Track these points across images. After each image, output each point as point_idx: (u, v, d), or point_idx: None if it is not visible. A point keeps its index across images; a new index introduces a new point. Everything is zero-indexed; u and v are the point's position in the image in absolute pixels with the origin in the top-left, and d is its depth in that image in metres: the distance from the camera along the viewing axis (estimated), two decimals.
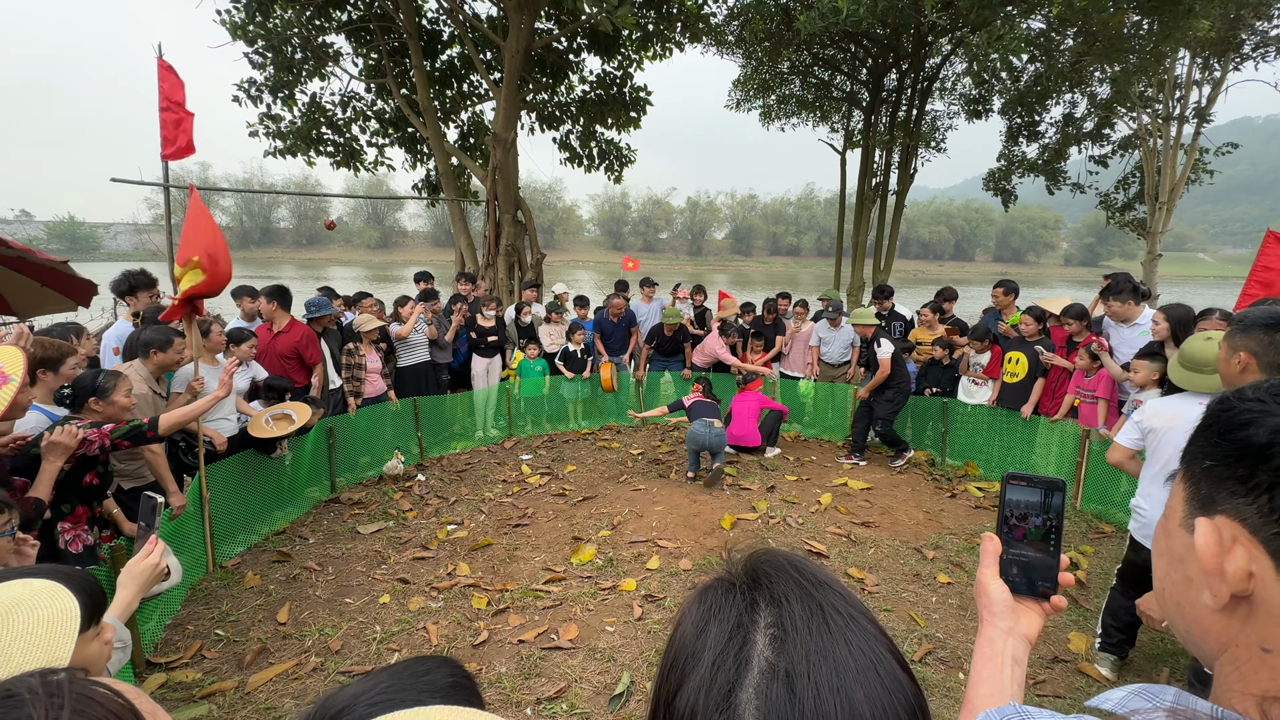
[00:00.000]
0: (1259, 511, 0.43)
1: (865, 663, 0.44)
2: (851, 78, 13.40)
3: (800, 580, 0.49)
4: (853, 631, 0.46)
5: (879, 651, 0.46)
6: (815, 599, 0.48)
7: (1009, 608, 0.73)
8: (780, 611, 0.47)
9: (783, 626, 0.46)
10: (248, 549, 4.24)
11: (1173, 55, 10.43)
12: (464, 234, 10.27)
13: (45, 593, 0.82)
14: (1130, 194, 13.58)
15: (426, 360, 6.48)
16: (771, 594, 0.48)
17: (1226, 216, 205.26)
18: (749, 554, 0.55)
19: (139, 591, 1.44)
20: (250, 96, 9.96)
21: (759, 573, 0.51)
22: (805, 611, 0.46)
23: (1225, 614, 0.46)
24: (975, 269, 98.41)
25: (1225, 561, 0.45)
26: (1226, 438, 0.47)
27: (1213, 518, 0.47)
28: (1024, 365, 5.47)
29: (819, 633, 0.45)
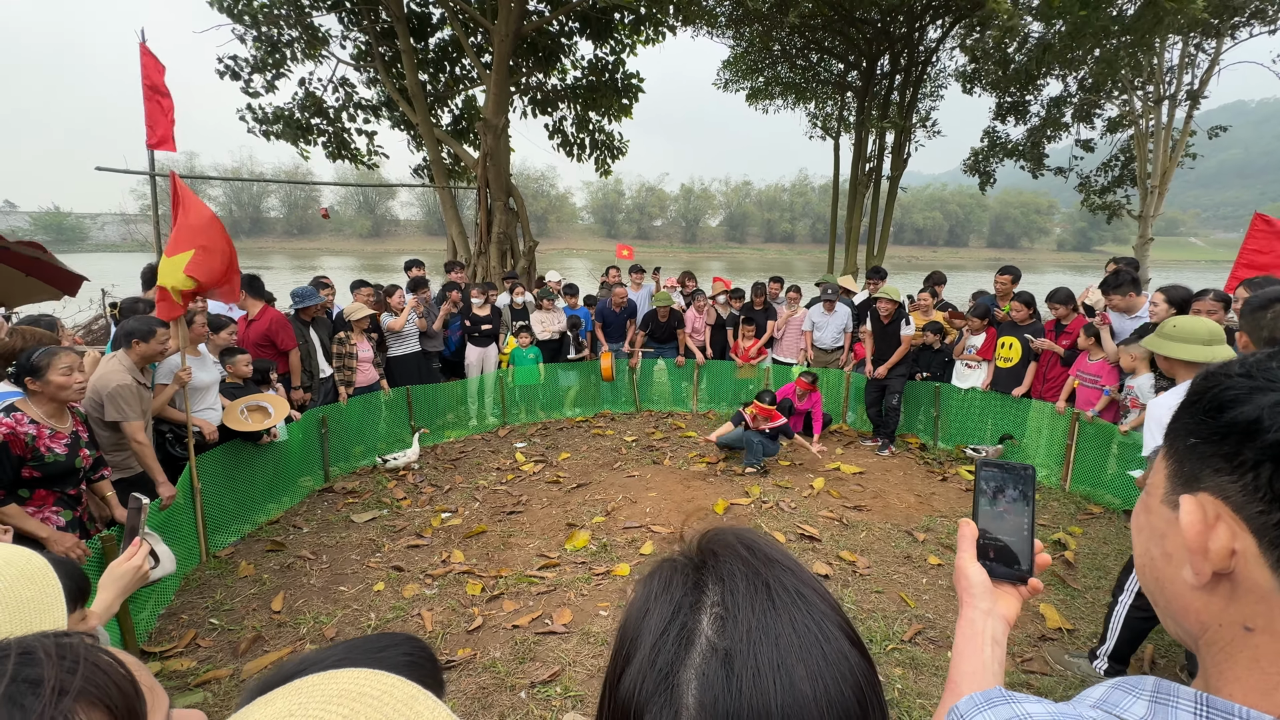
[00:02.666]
0: (1243, 490, 0.43)
1: (810, 639, 0.44)
2: (844, 61, 13.31)
3: (749, 558, 0.49)
4: (798, 609, 0.45)
5: (825, 628, 0.45)
6: (762, 576, 0.47)
7: (987, 590, 0.74)
8: (724, 590, 0.46)
9: (726, 606, 0.45)
10: (241, 539, 4.24)
11: (1164, 38, 10.39)
12: (455, 222, 10.19)
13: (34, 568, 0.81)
14: (1111, 178, 13.59)
15: (417, 350, 6.44)
16: (718, 573, 0.48)
17: (1218, 200, 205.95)
18: (701, 533, 0.54)
19: (121, 594, 1.40)
20: (234, 73, 9.77)
21: (708, 552, 0.51)
22: (749, 590, 0.46)
23: (1206, 592, 0.46)
24: (969, 254, 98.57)
25: (1208, 539, 0.45)
26: (1212, 415, 0.46)
27: (1196, 495, 0.46)
28: (1017, 350, 5.50)
29: (762, 611, 0.45)
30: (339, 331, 5.63)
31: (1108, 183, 13.58)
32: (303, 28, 9.62)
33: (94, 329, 7.89)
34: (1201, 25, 10.27)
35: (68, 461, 2.73)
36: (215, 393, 4.25)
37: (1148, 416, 2.57)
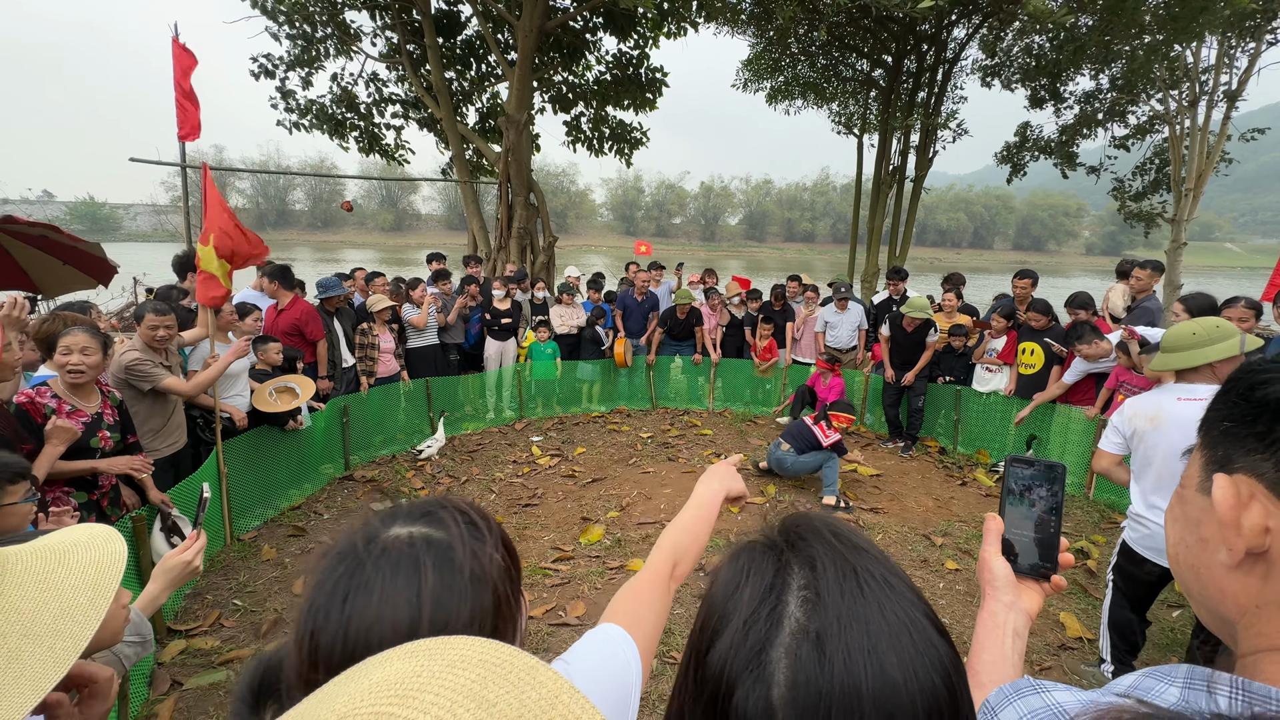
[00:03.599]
0: (1276, 467, 0.44)
1: (898, 627, 0.44)
2: (870, 59, 13.13)
3: (835, 544, 0.50)
4: (887, 596, 0.46)
5: (913, 616, 0.46)
6: (849, 563, 0.48)
7: (1010, 583, 0.76)
8: (814, 575, 0.47)
9: (815, 590, 0.46)
10: (264, 523, 4.34)
11: (1203, 35, 10.05)
12: (476, 216, 10.28)
13: (102, 536, 0.86)
14: (1146, 181, 13.19)
15: (436, 343, 6.53)
16: (806, 557, 0.49)
17: (1257, 205, 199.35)
18: (786, 517, 0.56)
19: (170, 586, 1.39)
20: (267, 72, 9.98)
21: (794, 536, 0.52)
22: (838, 575, 0.47)
23: (1243, 573, 0.47)
24: (993, 257, 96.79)
25: (1242, 516, 0.45)
26: (1245, 397, 0.47)
27: (1232, 475, 0.47)
28: (1039, 356, 5.40)
29: (851, 596, 0.45)
30: (362, 322, 5.72)
31: (1143, 187, 13.20)
32: (335, 24, 9.77)
33: (125, 315, 8.12)
34: (1248, 19, 9.92)
35: (82, 440, 2.73)
36: (244, 380, 4.35)
37: (1111, 419, 2.66)
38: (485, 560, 0.58)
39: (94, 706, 0.96)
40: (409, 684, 0.33)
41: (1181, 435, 2.34)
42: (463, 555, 0.57)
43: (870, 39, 12.59)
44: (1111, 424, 2.64)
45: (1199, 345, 2.37)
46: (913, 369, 5.92)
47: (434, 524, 0.60)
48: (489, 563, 0.58)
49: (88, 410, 2.81)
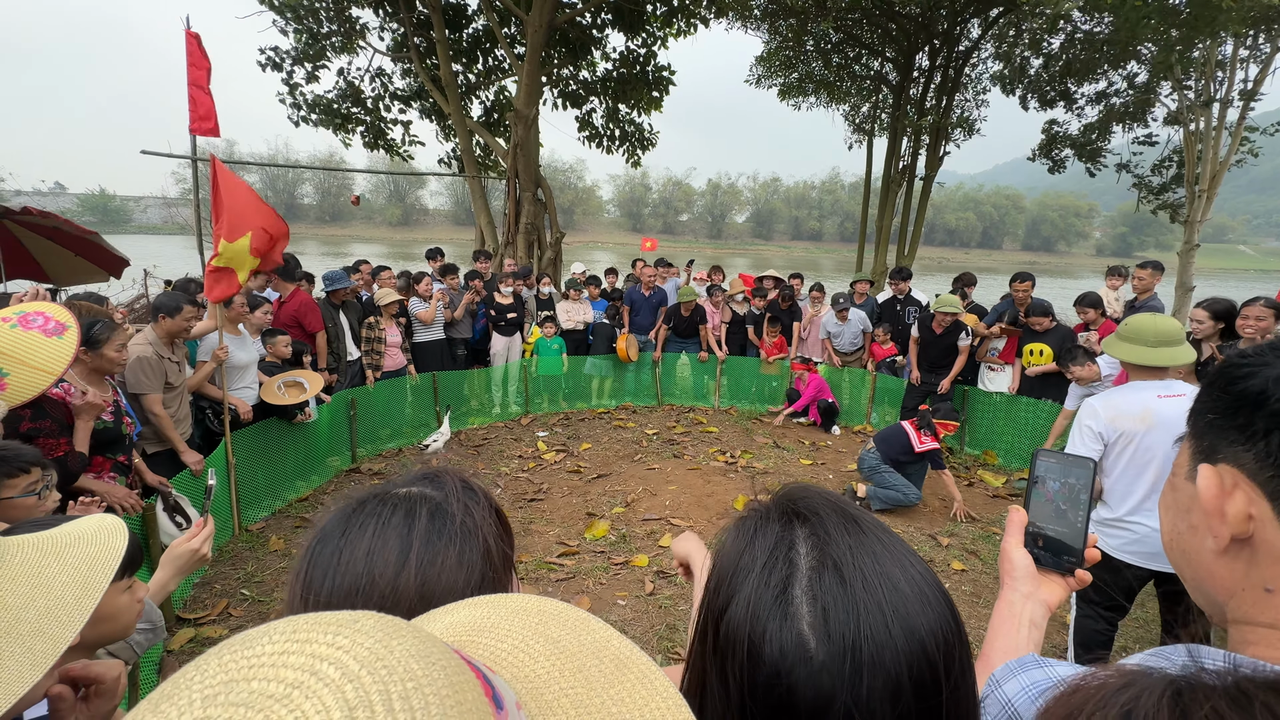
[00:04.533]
0: (1256, 457, 0.46)
1: (898, 553, 0.50)
2: (881, 56, 13.04)
3: (830, 501, 0.55)
4: (882, 532, 0.52)
5: (909, 555, 0.51)
6: (846, 512, 0.53)
7: (1030, 574, 0.76)
8: (815, 523, 0.52)
9: (819, 534, 0.51)
10: (272, 514, 4.37)
11: (1218, 35, 9.92)
12: (484, 211, 10.29)
13: (108, 530, 0.86)
14: (1168, 176, 13.06)
15: (442, 337, 6.55)
16: (806, 512, 0.54)
17: (1271, 207, 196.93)
18: (782, 489, 0.60)
19: (179, 574, 1.39)
20: (275, 65, 10.02)
21: (790, 498, 0.57)
22: (839, 519, 0.52)
23: (1229, 558, 0.49)
24: (1002, 257, 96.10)
25: (1226, 505, 0.48)
26: (1227, 390, 0.50)
27: (1215, 465, 0.50)
28: (1049, 355, 5.36)
29: (855, 534, 0.51)
30: (369, 316, 5.75)
31: (1165, 181, 13.06)
32: (341, 20, 9.79)
33: (136, 307, 8.18)
34: (1267, 18, 9.79)
35: (116, 428, 2.84)
36: (253, 372, 4.37)
37: (1076, 418, 2.53)
38: (477, 517, 0.62)
39: (100, 704, 0.96)
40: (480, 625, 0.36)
41: (1169, 435, 2.28)
42: (455, 508, 0.61)
43: (883, 35, 12.51)
44: (1085, 427, 2.45)
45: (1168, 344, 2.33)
46: (946, 374, 5.77)
47: (433, 484, 0.64)
48: (481, 520, 0.62)
49: (109, 400, 2.87)
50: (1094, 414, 2.44)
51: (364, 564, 0.56)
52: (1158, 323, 2.39)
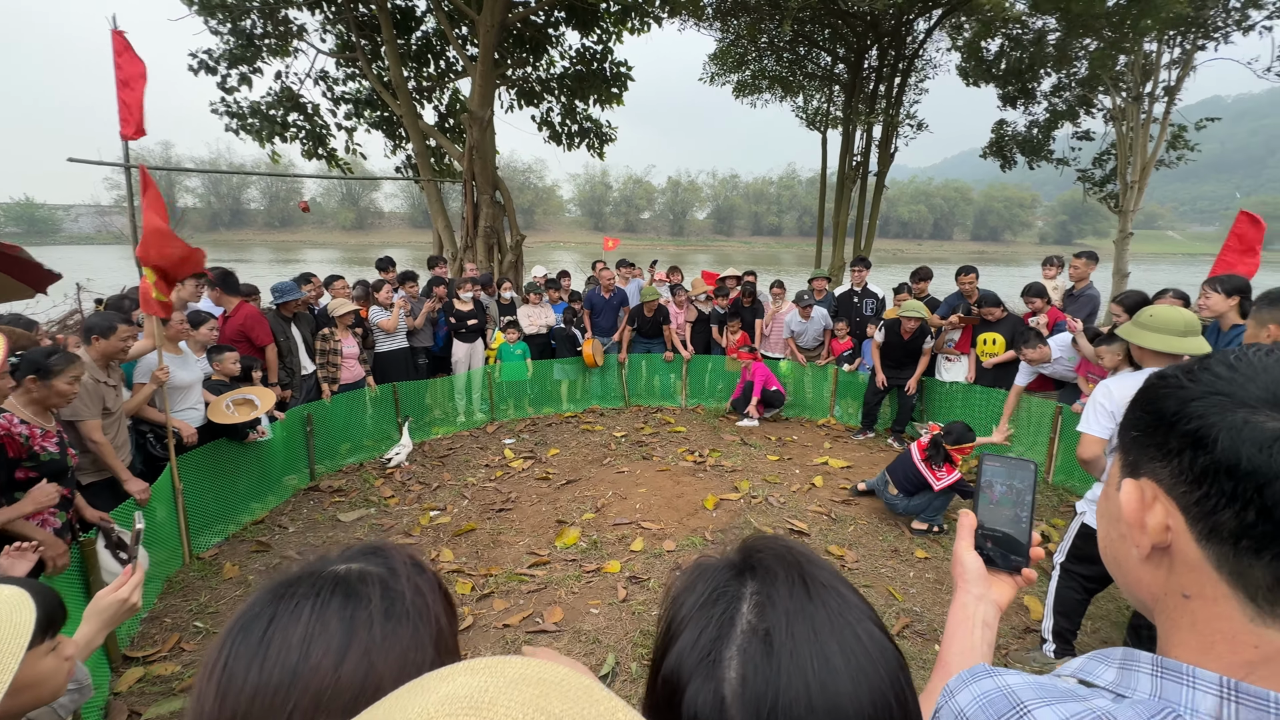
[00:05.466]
0: (1171, 474, 0.49)
1: (843, 624, 0.48)
2: (832, 54, 13.30)
3: (786, 555, 0.54)
4: (833, 599, 0.50)
5: (858, 616, 0.50)
6: (800, 571, 0.52)
7: (981, 577, 0.79)
8: (766, 582, 0.51)
9: (766, 594, 0.50)
10: (225, 539, 4.18)
11: (1150, 32, 10.49)
12: (441, 215, 10.07)
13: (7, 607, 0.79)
14: (1108, 169, 13.77)
15: (405, 346, 6.38)
16: (760, 568, 0.53)
17: (1195, 194, 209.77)
18: (745, 539, 0.59)
19: (106, 627, 1.30)
20: (208, 68, 9.55)
21: (749, 549, 0.56)
22: (787, 580, 0.51)
23: (1152, 565, 0.52)
24: (953, 247, 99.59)
25: (1146, 517, 0.51)
26: (1147, 409, 0.53)
27: (1137, 480, 0.53)
28: (1000, 345, 5.57)
29: (799, 598, 0.49)
30: (323, 328, 5.55)
31: (1107, 174, 13.75)
32: (275, 22, 9.40)
33: (69, 324, 7.70)
34: (1185, 22, 10.40)
35: (61, 460, 2.69)
36: (198, 391, 4.16)
37: (1091, 398, 2.58)
38: (428, 596, 0.56)
39: None
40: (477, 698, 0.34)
41: None
42: (404, 586, 0.55)
43: (833, 34, 12.75)
44: (1099, 405, 2.49)
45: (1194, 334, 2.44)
46: (909, 372, 5.92)
47: (378, 560, 0.58)
48: (432, 600, 0.57)
49: (53, 430, 2.73)
50: (1108, 394, 2.51)
51: (298, 653, 0.48)
52: (1185, 314, 2.47)
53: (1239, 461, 0.44)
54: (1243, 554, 0.45)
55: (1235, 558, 0.45)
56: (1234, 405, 0.46)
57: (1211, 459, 0.46)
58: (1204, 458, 0.46)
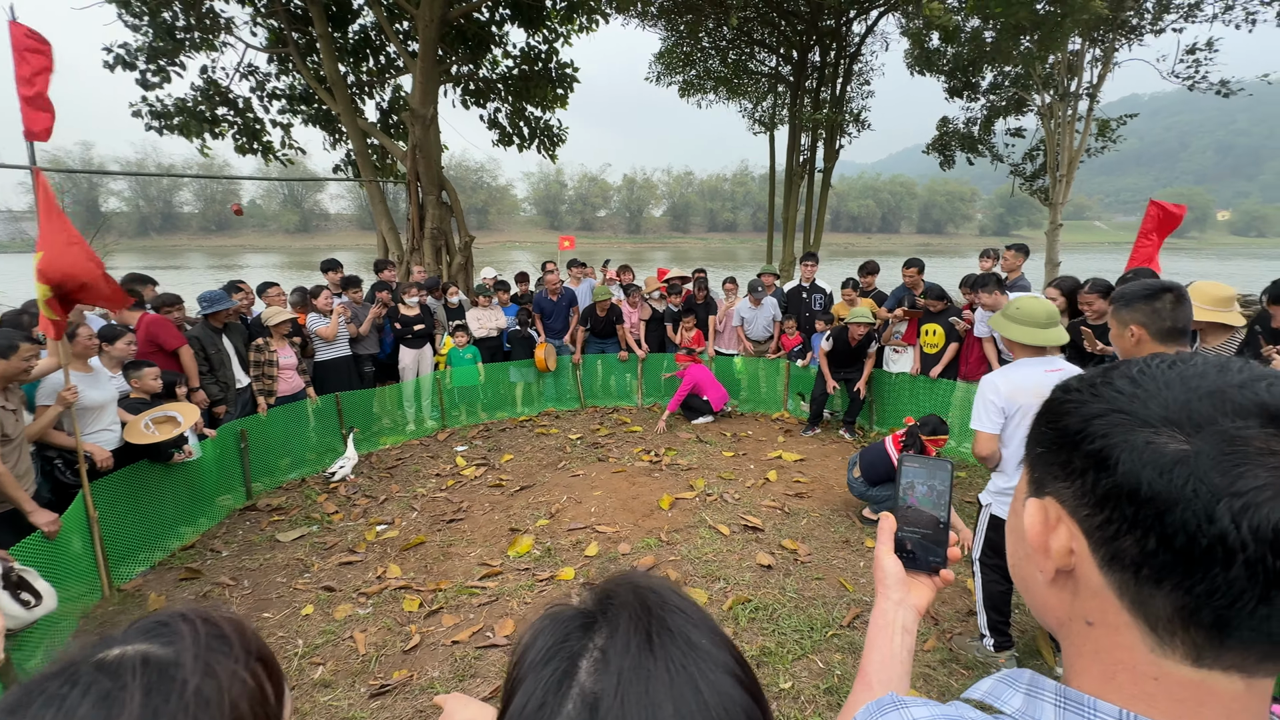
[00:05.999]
0: (1075, 494, 0.46)
1: (684, 680, 0.44)
2: (776, 53, 13.50)
3: (639, 603, 0.49)
4: (679, 650, 0.46)
5: (704, 669, 0.45)
6: (646, 619, 0.47)
7: (901, 581, 0.78)
8: (608, 634, 0.47)
9: (605, 651, 0.46)
10: (150, 568, 3.91)
11: (1072, 33, 11.05)
12: (385, 217, 9.74)
13: None
14: (1038, 165, 14.46)
15: (347, 354, 6.13)
16: (608, 619, 0.48)
17: (1119, 186, 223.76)
18: (606, 579, 0.54)
19: None
20: (124, 63, 8.93)
21: (603, 596, 0.51)
22: (629, 632, 0.46)
23: (1057, 589, 0.50)
24: (901, 240, 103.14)
25: (1050, 539, 0.49)
26: (1050, 426, 0.50)
27: (1042, 499, 0.50)
28: (940, 336, 5.75)
29: (638, 653, 0.45)
30: (256, 338, 5.27)
31: (1036, 170, 14.41)
32: (199, 14, 8.87)
33: None
34: (1102, 24, 11.00)
35: None
36: (113, 411, 3.88)
37: (978, 393, 2.66)
38: (224, 678, 0.48)
39: None
40: None
41: None
42: (189, 671, 0.47)
43: (776, 34, 12.94)
44: (987, 401, 2.57)
45: (1055, 325, 2.55)
46: (857, 373, 6.08)
47: (161, 638, 0.49)
48: (228, 680, 0.48)
49: None
50: (995, 389, 2.57)
51: None
52: (1045, 304, 2.56)
53: (1139, 486, 0.42)
54: (1144, 582, 0.43)
55: (1137, 586, 0.43)
56: (1136, 424, 0.44)
57: (1113, 482, 0.43)
58: (1106, 480, 0.44)
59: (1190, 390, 0.44)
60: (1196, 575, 0.40)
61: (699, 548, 4.00)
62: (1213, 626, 0.41)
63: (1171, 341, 1.98)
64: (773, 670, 2.87)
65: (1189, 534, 0.40)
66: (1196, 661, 0.43)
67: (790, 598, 3.45)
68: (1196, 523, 0.39)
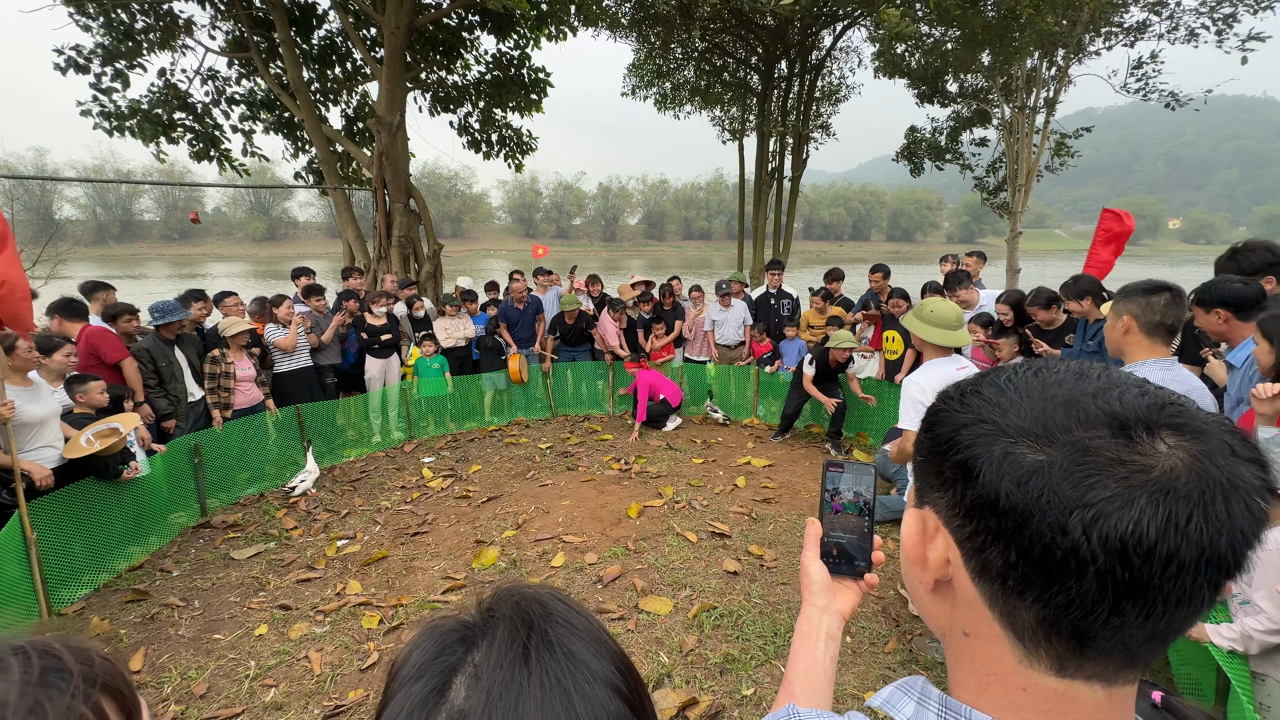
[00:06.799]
0: (948, 504, 0.46)
1: (557, 694, 0.43)
2: (745, 64, 13.71)
3: (520, 616, 0.48)
4: (555, 664, 0.45)
5: (580, 683, 0.44)
6: (523, 633, 0.46)
7: (826, 587, 0.78)
8: (485, 649, 0.46)
9: (479, 666, 0.44)
10: (94, 590, 3.74)
11: (1028, 47, 11.45)
12: (351, 225, 9.57)
13: None
14: (999, 177, 14.91)
15: (308, 365, 5.99)
16: (489, 632, 0.47)
17: (1077, 196, 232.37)
18: (496, 590, 0.53)
19: None
20: (77, 66, 8.63)
21: (489, 606, 0.50)
22: (506, 646, 0.45)
23: (938, 599, 0.50)
24: (871, 248, 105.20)
25: (927, 550, 0.49)
26: (928, 434, 0.50)
27: (921, 509, 0.50)
28: (899, 342, 5.87)
29: (510, 668, 0.44)
30: (212, 349, 5.11)
31: (999, 181, 14.84)
32: (158, 15, 8.64)
33: None
34: (1054, 39, 11.44)
35: None
36: (56, 427, 3.71)
37: (902, 394, 2.80)
38: (54, 715, 0.46)
39: None
40: None
41: None
42: (11, 712, 0.45)
43: (743, 44, 13.14)
44: (914, 400, 2.73)
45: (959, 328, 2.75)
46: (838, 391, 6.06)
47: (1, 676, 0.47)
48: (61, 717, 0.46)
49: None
50: (920, 388, 2.71)
51: None
52: (954, 307, 2.76)
53: (998, 497, 0.42)
54: (1010, 594, 0.43)
55: (1004, 598, 0.43)
56: (997, 434, 0.43)
57: (976, 493, 0.43)
58: (971, 491, 0.44)
59: (1048, 400, 0.44)
60: (1053, 587, 0.40)
61: (666, 555, 3.99)
62: (1071, 637, 0.41)
63: (1158, 336, 2.09)
64: (735, 677, 2.87)
65: (1044, 546, 0.40)
66: (1060, 672, 0.43)
67: (755, 603, 3.46)
68: (1051, 535, 0.39)
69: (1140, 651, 0.42)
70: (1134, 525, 0.38)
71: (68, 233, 67.22)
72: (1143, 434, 0.40)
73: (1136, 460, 0.39)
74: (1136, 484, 0.38)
